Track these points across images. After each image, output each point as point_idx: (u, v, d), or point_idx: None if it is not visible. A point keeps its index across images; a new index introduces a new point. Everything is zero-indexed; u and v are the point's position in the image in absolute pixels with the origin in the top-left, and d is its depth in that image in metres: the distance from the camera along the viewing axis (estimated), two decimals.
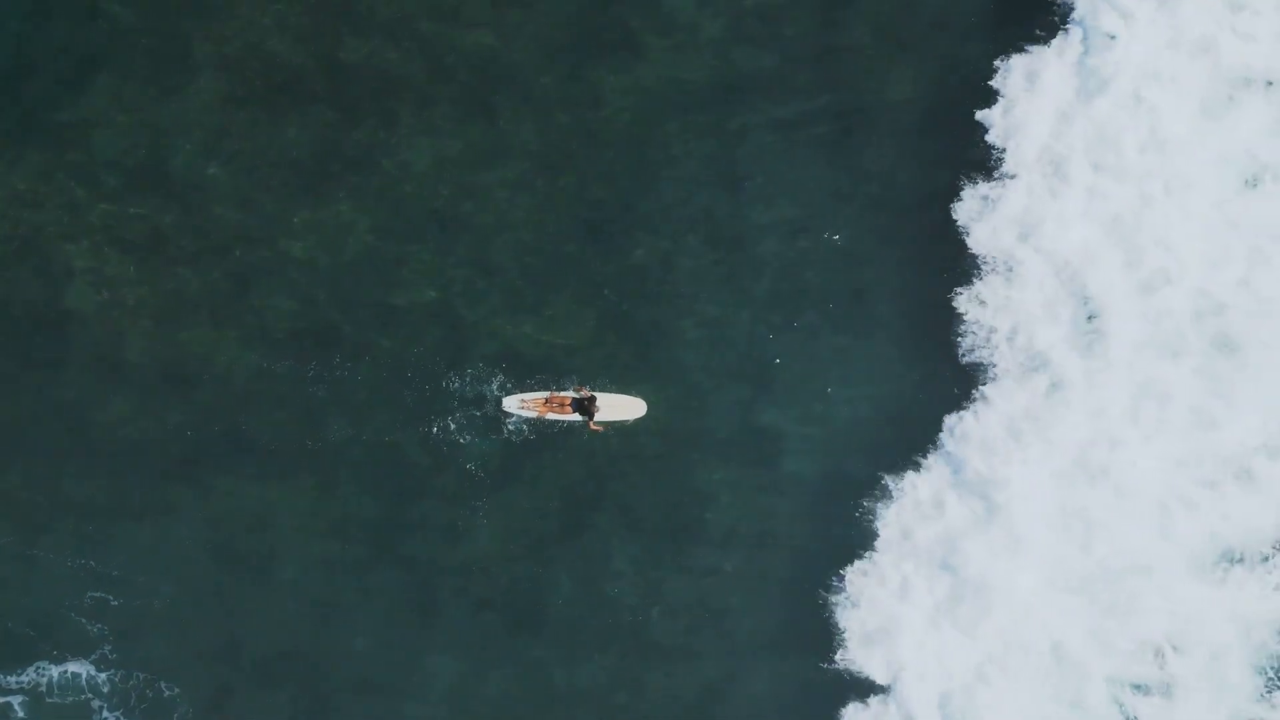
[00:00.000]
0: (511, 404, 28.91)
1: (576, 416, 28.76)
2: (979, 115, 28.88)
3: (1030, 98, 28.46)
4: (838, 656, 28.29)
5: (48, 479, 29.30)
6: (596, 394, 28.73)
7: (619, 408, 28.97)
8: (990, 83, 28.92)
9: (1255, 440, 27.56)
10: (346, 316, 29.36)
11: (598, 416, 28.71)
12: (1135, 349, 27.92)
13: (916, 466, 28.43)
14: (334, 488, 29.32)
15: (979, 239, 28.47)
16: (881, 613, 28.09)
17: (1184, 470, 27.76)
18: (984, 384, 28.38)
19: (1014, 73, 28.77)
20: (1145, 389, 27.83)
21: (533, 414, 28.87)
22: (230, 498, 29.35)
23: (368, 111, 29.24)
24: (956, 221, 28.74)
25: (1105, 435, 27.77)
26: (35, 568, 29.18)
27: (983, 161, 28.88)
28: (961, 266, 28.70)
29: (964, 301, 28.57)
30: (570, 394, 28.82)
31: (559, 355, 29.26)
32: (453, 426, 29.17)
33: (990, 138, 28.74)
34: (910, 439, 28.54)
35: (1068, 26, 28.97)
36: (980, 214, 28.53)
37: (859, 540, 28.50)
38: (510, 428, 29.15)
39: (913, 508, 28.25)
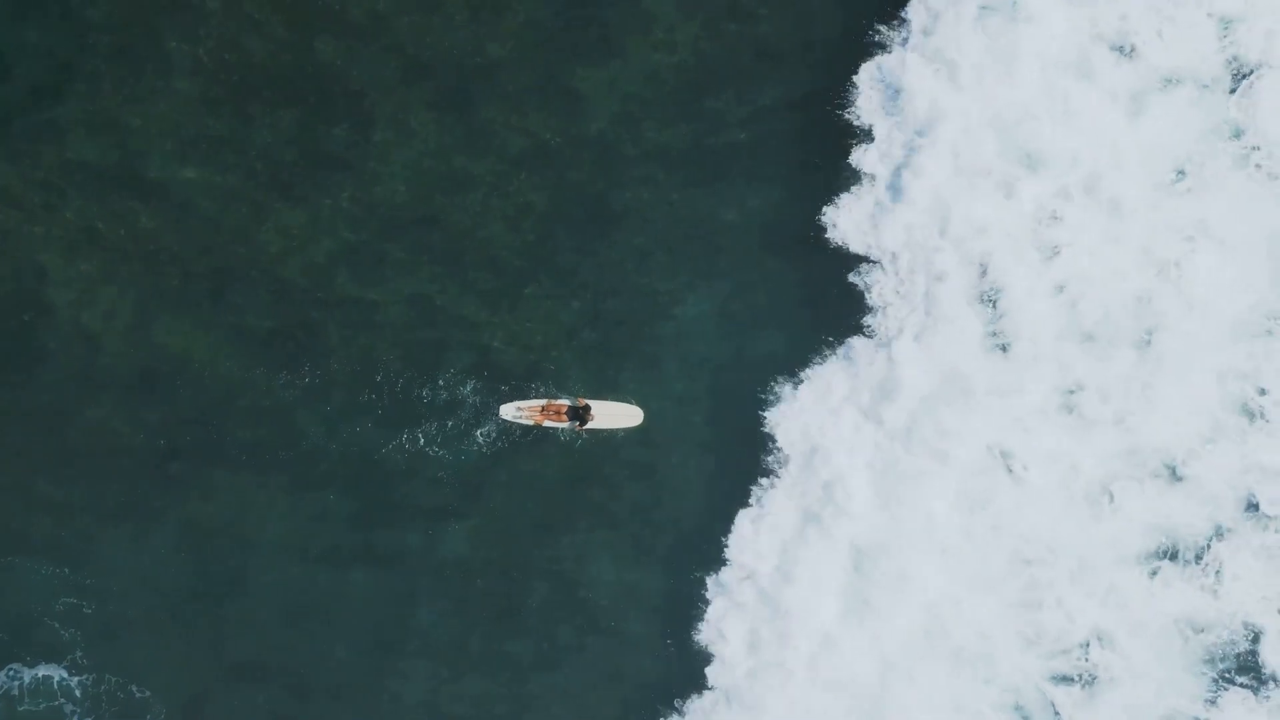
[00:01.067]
0: (508, 411, 28.85)
1: (574, 424, 28.71)
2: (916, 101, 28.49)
3: (950, 93, 28.22)
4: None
5: (21, 483, 29.35)
6: (593, 402, 28.67)
7: (616, 416, 28.88)
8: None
9: (1181, 438, 27.43)
10: (323, 317, 29.31)
11: (592, 425, 28.61)
12: (1050, 346, 27.70)
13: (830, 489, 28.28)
14: (310, 491, 29.29)
15: (891, 235, 28.23)
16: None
17: (1111, 466, 27.63)
18: (892, 390, 28.07)
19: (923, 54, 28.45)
20: (1060, 385, 27.68)
21: (529, 421, 28.79)
22: (206, 501, 29.34)
23: (343, 112, 29.19)
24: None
25: (1020, 431, 27.70)
26: (8, 572, 29.22)
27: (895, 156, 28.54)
28: (877, 262, 28.49)
29: (876, 297, 28.35)
30: (566, 402, 28.65)
31: (535, 355, 29.15)
32: (429, 430, 29.11)
33: (911, 128, 28.33)
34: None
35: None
36: (881, 211, 28.27)
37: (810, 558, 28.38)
38: (486, 432, 29.02)
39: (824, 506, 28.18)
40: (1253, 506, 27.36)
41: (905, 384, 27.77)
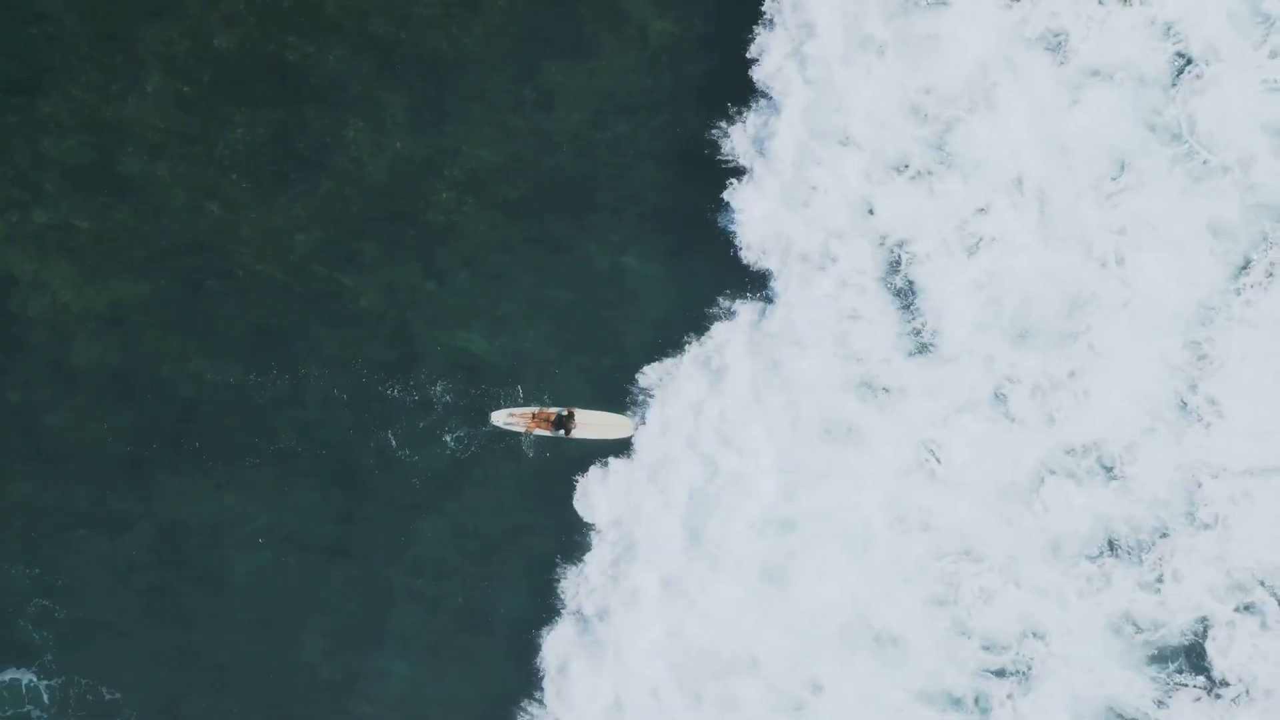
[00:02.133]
0: (499, 418, 28.72)
1: (561, 433, 28.62)
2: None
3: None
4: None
5: None
6: (580, 411, 28.61)
7: (603, 426, 28.79)
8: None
9: (1119, 434, 27.47)
10: (297, 315, 29.18)
11: (577, 434, 28.63)
12: (978, 342, 27.72)
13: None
14: (284, 492, 29.10)
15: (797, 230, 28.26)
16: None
17: (1046, 462, 27.64)
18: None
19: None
20: (992, 381, 27.70)
21: (519, 428, 28.71)
22: (179, 501, 29.11)
23: (317, 113, 29.13)
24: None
25: (947, 427, 27.74)
26: None
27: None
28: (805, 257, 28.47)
29: (787, 289, 28.32)
30: (556, 410, 28.67)
31: (509, 357, 29.09)
32: (403, 429, 28.95)
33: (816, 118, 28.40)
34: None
35: None
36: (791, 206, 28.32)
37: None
38: (461, 433, 28.95)
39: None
40: (1196, 503, 27.31)
41: (815, 378, 27.87)
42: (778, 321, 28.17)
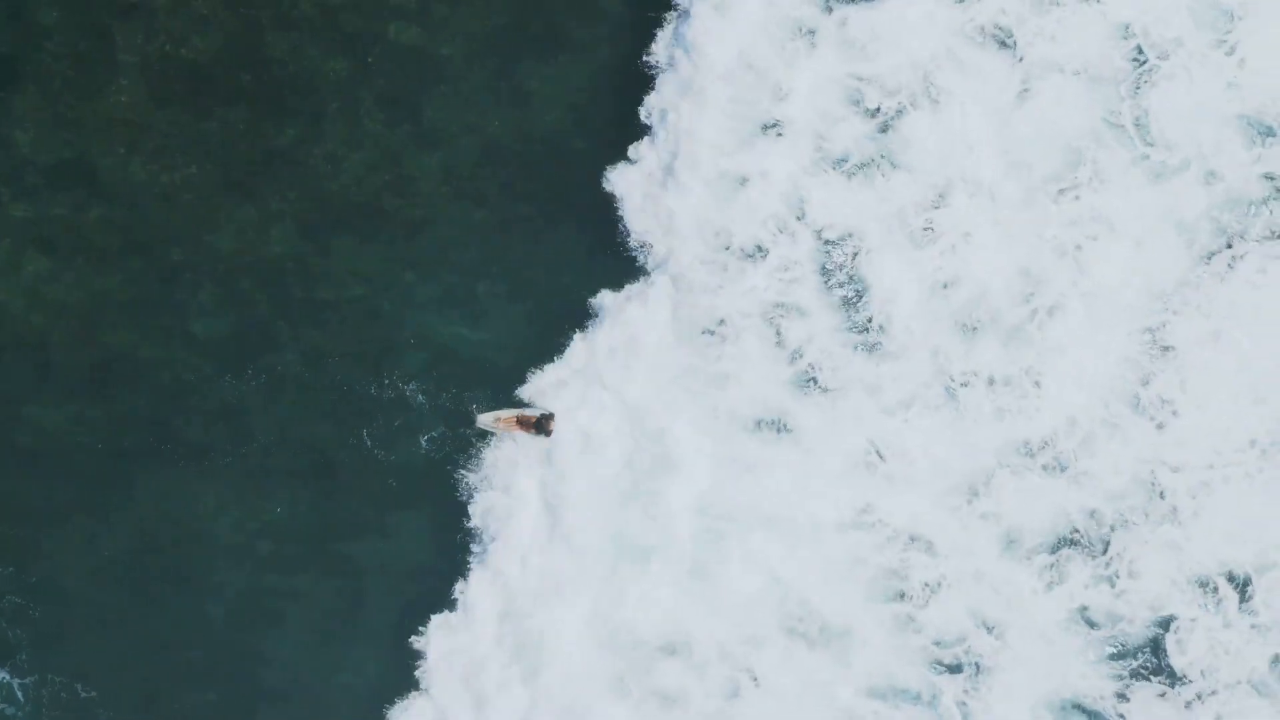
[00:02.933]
0: (486, 420, 28.57)
1: (542, 435, 28.46)
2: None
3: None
4: None
5: None
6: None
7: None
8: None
9: (1073, 428, 27.52)
10: (273, 314, 29.11)
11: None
12: (929, 337, 27.70)
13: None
14: (260, 490, 29.02)
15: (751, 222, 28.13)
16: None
17: (997, 457, 27.65)
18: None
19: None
20: (943, 376, 27.73)
21: (501, 430, 28.58)
22: (154, 500, 28.97)
23: (293, 108, 29.06)
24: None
25: (895, 423, 27.68)
26: None
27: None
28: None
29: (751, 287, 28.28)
30: (536, 413, 28.50)
31: (489, 351, 29.14)
32: (379, 429, 28.94)
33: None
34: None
35: None
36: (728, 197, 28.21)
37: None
38: (433, 433, 28.97)
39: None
40: (1155, 497, 27.51)
41: (749, 372, 27.88)
42: (702, 311, 28.10)
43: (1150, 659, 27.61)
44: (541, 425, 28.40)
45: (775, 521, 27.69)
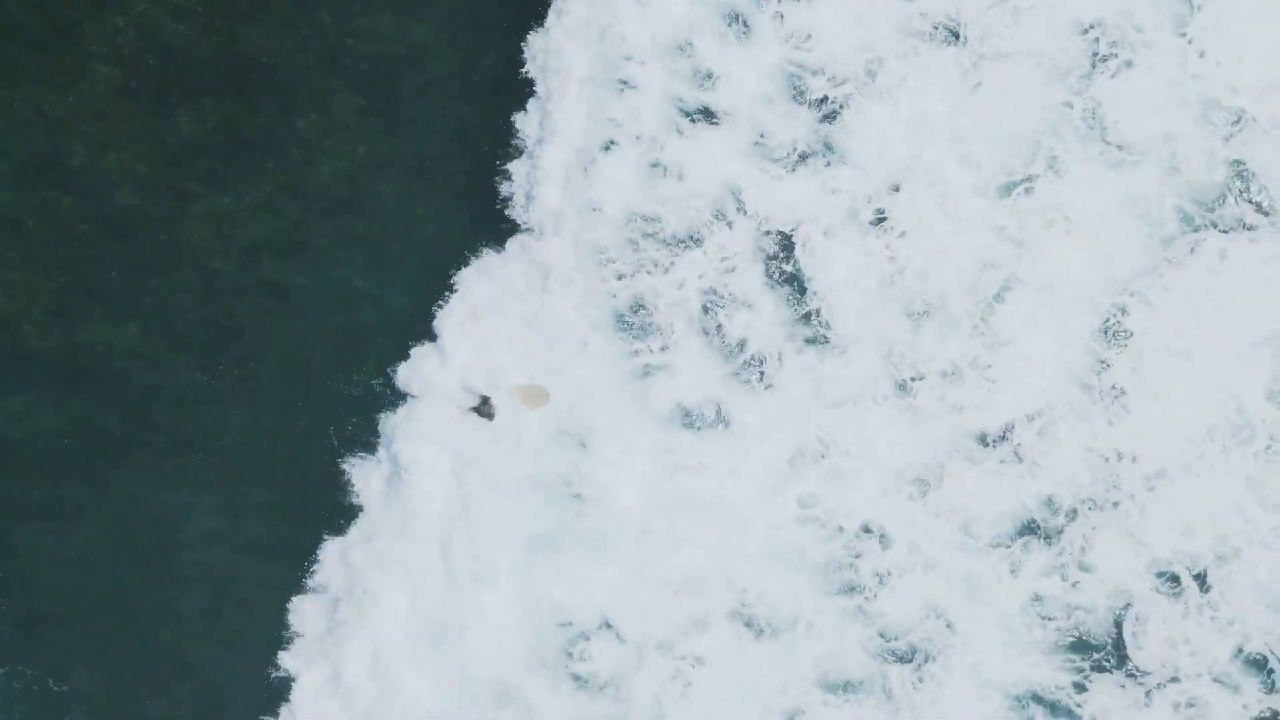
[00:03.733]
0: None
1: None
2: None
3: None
4: None
5: None
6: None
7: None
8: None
9: (1027, 418, 27.38)
10: (247, 308, 29.06)
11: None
12: (876, 329, 27.49)
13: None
14: (234, 484, 29.00)
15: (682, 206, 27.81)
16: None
17: (949, 448, 27.56)
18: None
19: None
20: (890, 369, 27.56)
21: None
22: (128, 494, 28.95)
23: (266, 99, 28.97)
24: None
25: (840, 417, 27.50)
26: None
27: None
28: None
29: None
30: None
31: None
32: (352, 422, 28.94)
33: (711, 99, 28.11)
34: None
35: None
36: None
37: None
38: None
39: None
40: (1112, 488, 27.43)
41: (680, 363, 27.68)
42: (625, 301, 27.96)
43: (1110, 650, 27.55)
44: (482, 409, 28.32)
45: (715, 512, 27.47)
